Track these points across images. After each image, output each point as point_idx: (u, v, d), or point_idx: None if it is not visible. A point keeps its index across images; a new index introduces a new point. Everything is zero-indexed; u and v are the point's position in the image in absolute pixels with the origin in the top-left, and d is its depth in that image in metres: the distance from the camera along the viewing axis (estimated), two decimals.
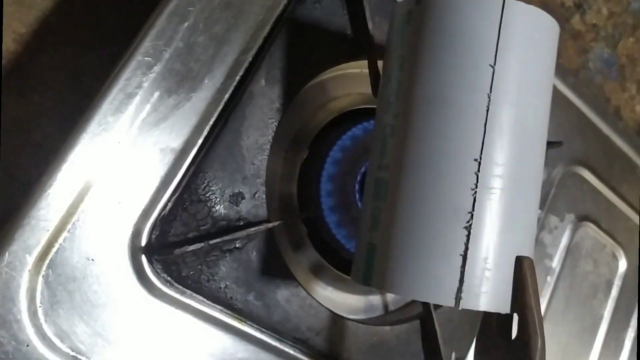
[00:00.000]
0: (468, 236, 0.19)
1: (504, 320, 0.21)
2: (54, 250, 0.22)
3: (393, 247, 0.20)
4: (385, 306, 0.32)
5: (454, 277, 0.19)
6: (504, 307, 0.20)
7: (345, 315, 0.29)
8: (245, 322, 0.25)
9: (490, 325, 0.22)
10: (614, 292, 0.41)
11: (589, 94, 0.40)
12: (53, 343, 0.22)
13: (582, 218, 0.39)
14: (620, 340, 0.41)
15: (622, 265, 0.42)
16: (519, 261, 0.20)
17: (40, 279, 0.22)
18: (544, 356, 0.19)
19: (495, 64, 0.20)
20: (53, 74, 0.29)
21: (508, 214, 0.20)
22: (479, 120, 0.19)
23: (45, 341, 0.22)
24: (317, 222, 0.29)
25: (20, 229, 0.21)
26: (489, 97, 0.19)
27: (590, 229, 0.40)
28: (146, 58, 0.24)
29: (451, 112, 0.20)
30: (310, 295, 0.27)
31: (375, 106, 0.32)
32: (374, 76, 0.29)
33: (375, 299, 0.32)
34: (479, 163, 0.19)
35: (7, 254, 0.21)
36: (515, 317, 0.20)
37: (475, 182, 0.19)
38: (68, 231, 0.22)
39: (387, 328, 0.29)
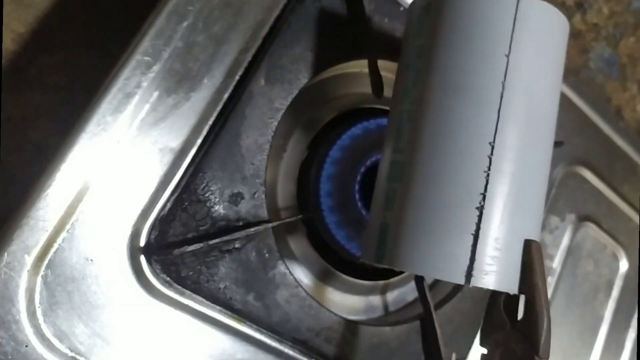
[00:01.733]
0: (480, 216, 0.20)
1: (511, 302, 0.22)
2: (52, 250, 0.22)
3: (407, 225, 0.21)
4: (386, 307, 0.32)
5: (465, 255, 0.20)
6: (513, 288, 0.21)
7: (345, 316, 0.28)
8: (244, 323, 0.25)
9: (497, 306, 0.22)
10: (615, 292, 0.41)
11: (589, 94, 0.40)
12: (52, 343, 0.22)
13: (583, 218, 0.39)
14: (621, 341, 0.41)
15: (623, 265, 0.42)
16: (528, 244, 0.21)
17: (39, 279, 0.22)
18: (549, 336, 0.20)
19: (509, 54, 0.21)
20: (52, 74, 0.29)
21: (518, 197, 0.21)
22: (493, 106, 0.21)
23: (44, 342, 0.22)
24: (317, 222, 0.29)
25: (19, 229, 0.21)
26: (503, 85, 0.21)
27: (591, 229, 0.40)
28: (145, 57, 0.24)
29: (467, 98, 0.21)
30: (310, 296, 0.27)
31: (375, 106, 0.32)
32: (374, 76, 0.29)
33: (375, 299, 0.32)
34: (492, 147, 0.20)
35: (5, 254, 0.21)
36: (522, 298, 0.21)
37: (488, 165, 0.20)
38: (67, 231, 0.22)
39: (387, 329, 0.29)
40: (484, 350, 0.22)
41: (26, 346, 0.21)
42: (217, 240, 0.24)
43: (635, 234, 0.42)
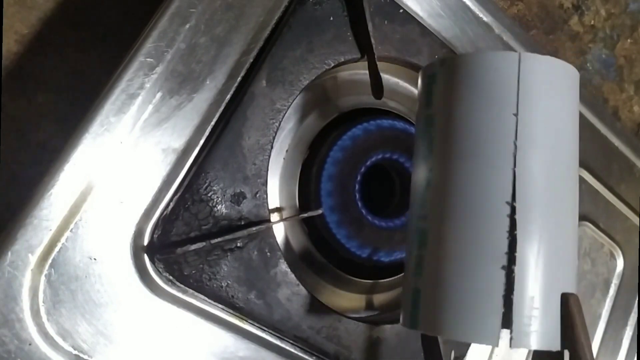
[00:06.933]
0: (509, 277, 0.20)
1: (555, 358, 0.21)
2: (56, 249, 0.22)
3: (437, 291, 0.21)
4: (386, 305, 0.32)
5: (497, 317, 0.20)
6: (555, 344, 0.20)
7: (345, 313, 0.29)
8: (246, 321, 0.26)
9: None
10: (612, 291, 0.42)
11: (587, 95, 0.40)
12: (55, 342, 0.22)
13: (580, 217, 0.39)
14: (618, 339, 0.42)
15: (620, 264, 0.42)
16: (565, 298, 0.20)
17: (43, 278, 0.22)
18: None
19: (517, 113, 0.21)
20: (55, 75, 0.29)
21: (550, 252, 0.20)
22: (507, 167, 0.21)
23: (48, 340, 0.22)
24: (318, 222, 0.30)
25: (23, 229, 0.22)
26: (515, 145, 0.21)
27: (588, 228, 0.40)
28: (148, 59, 0.24)
29: (481, 162, 0.21)
30: (311, 294, 0.27)
31: (375, 107, 0.32)
32: (374, 77, 0.29)
33: (376, 297, 0.32)
34: (513, 207, 0.20)
35: (9, 253, 0.21)
36: (566, 353, 0.20)
37: (508, 225, 0.20)
38: (70, 231, 0.22)
39: (387, 326, 0.29)
40: None
41: (30, 344, 0.21)
42: (219, 239, 0.24)
43: (632, 233, 0.42)
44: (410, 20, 0.31)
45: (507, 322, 0.20)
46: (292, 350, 0.27)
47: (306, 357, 0.27)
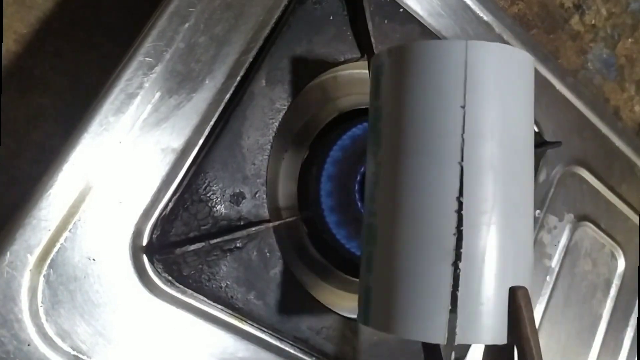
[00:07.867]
0: (456, 274, 0.19)
1: (505, 352, 0.21)
2: (55, 249, 0.22)
3: (386, 289, 0.21)
4: None
5: (444, 314, 0.19)
6: (503, 339, 0.20)
7: (345, 314, 0.29)
8: (245, 322, 0.26)
9: (490, 356, 0.21)
10: (613, 291, 0.41)
11: (588, 94, 0.40)
12: (54, 342, 0.22)
13: (581, 218, 0.39)
14: (619, 340, 0.42)
15: (621, 264, 0.42)
16: (513, 292, 0.20)
17: (42, 278, 0.22)
18: None
19: (465, 105, 0.20)
20: (54, 74, 0.29)
21: (501, 247, 0.20)
22: (454, 161, 0.20)
23: (47, 340, 0.22)
24: (317, 222, 0.30)
25: (22, 229, 0.22)
26: (462, 138, 0.20)
27: (589, 228, 0.40)
28: (147, 59, 0.24)
29: (427, 156, 0.20)
30: (310, 295, 0.27)
31: None
32: None
33: None
34: (460, 202, 0.20)
35: (8, 253, 0.21)
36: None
37: (457, 221, 0.19)
38: (69, 231, 0.22)
39: None
40: None
41: (28, 345, 0.21)
42: (218, 239, 0.24)
43: (633, 233, 0.42)
44: (411, 20, 0.31)
45: (453, 319, 0.19)
46: (292, 351, 0.27)
47: (306, 357, 0.27)
